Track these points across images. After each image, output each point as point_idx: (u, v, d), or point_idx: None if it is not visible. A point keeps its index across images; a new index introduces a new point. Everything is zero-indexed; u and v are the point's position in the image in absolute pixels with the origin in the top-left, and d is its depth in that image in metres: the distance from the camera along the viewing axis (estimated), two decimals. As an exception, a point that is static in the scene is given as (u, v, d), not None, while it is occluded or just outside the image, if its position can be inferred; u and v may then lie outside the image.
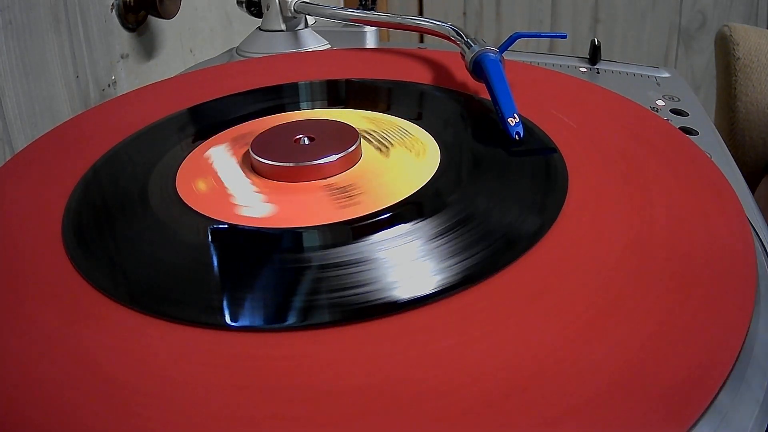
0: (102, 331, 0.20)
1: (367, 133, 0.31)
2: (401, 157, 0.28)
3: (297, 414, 0.17)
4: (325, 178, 0.27)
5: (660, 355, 0.18)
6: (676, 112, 0.42)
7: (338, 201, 0.26)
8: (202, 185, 0.27)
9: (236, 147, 0.30)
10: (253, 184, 0.27)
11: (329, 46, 0.52)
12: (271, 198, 0.26)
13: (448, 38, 0.39)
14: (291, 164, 0.27)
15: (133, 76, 0.58)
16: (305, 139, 0.29)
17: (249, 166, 0.28)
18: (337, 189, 0.26)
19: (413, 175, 0.27)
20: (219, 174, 0.28)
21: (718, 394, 0.17)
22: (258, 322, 0.20)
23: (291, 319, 0.20)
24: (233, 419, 0.17)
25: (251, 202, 0.26)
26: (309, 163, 0.27)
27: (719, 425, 0.17)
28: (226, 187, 0.27)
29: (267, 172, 0.28)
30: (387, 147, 0.29)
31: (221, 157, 0.30)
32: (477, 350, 0.18)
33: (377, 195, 0.26)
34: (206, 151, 0.30)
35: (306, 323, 0.20)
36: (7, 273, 0.23)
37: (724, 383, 0.18)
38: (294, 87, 0.37)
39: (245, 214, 0.25)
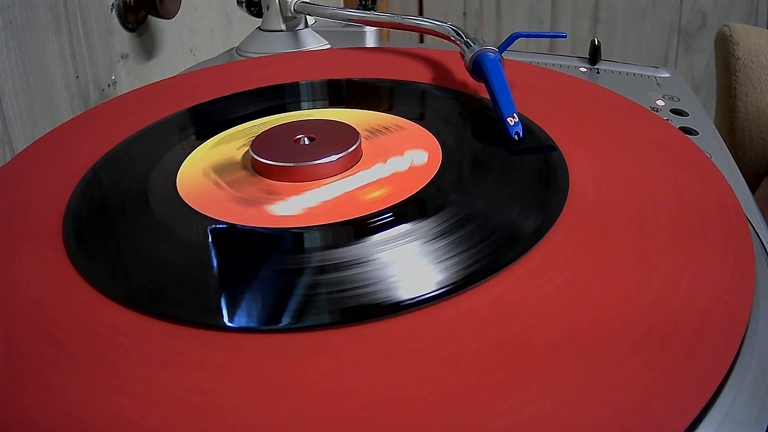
0: (101, 331, 0.20)
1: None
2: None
3: (296, 414, 0.17)
4: (326, 178, 0.27)
5: (659, 354, 0.18)
6: (676, 112, 0.42)
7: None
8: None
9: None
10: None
11: (329, 46, 0.52)
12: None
13: (447, 38, 0.39)
14: (291, 164, 0.27)
15: (133, 76, 0.58)
16: (305, 139, 0.29)
17: (249, 166, 0.28)
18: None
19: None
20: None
21: (717, 393, 0.17)
22: (257, 323, 0.20)
23: (291, 321, 0.20)
24: (231, 419, 0.17)
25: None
26: (309, 163, 0.27)
27: (719, 426, 0.17)
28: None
29: (267, 172, 0.28)
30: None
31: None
32: (477, 351, 0.18)
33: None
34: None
35: (305, 324, 0.20)
36: (7, 273, 0.23)
37: (724, 382, 0.18)
38: (294, 87, 0.37)
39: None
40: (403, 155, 0.28)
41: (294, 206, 0.25)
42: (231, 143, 0.31)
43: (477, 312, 0.20)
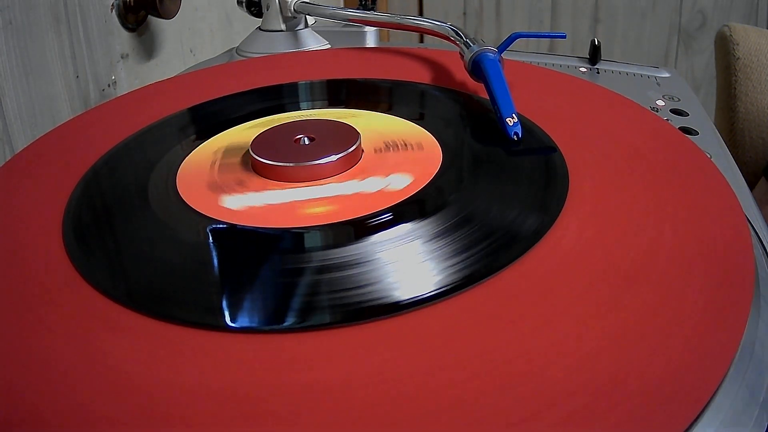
0: (102, 330, 0.20)
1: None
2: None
3: (296, 414, 0.17)
4: (325, 178, 0.27)
5: (659, 354, 0.18)
6: (676, 112, 0.42)
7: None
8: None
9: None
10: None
11: (329, 46, 0.52)
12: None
13: (447, 38, 0.39)
14: (291, 164, 0.27)
15: (133, 76, 0.58)
16: (305, 139, 0.29)
17: (249, 166, 0.28)
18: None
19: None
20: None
21: (716, 393, 0.17)
22: (257, 323, 0.20)
23: (291, 321, 0.20)
24: (231, 420, 0.17)
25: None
26: (309, 163, 0.27)
27: (719, 425, 0.17)
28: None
29: (267, 172, 0.28)
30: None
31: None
32: (478, 350, 0.18)
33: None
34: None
35: (306, 324, 0.20)
36: (7, 273, 0.23)
37: (723, 383, 0.18)
38: (294, 87, 0.37)
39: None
40: (386, 177, 0.27)
41: (242, 202, 0.26)
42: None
43: (477, 312, 0.20)
